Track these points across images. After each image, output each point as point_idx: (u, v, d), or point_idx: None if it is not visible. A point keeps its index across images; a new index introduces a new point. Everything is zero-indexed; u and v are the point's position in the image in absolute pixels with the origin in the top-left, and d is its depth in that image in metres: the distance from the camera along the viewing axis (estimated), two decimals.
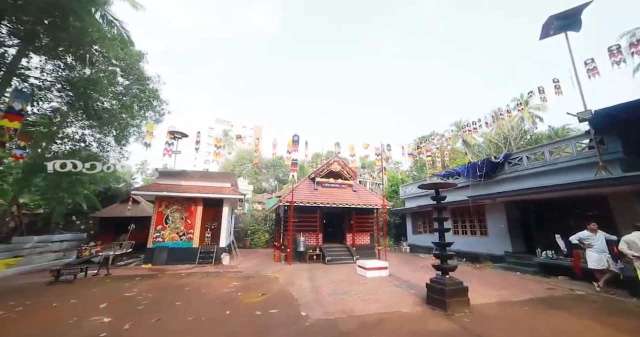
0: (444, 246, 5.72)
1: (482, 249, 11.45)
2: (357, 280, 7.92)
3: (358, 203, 13.04)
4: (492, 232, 11.26)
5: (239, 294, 6.31)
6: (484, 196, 10.15)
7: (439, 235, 5.82)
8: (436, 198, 5.91)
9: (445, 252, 5.68)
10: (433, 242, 5.88)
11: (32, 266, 9.50)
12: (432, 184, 5.76)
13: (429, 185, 5.81)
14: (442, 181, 13.97)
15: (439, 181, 5.90)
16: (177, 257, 10.62)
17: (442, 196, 5.94)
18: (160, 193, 10.59)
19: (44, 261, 10.23)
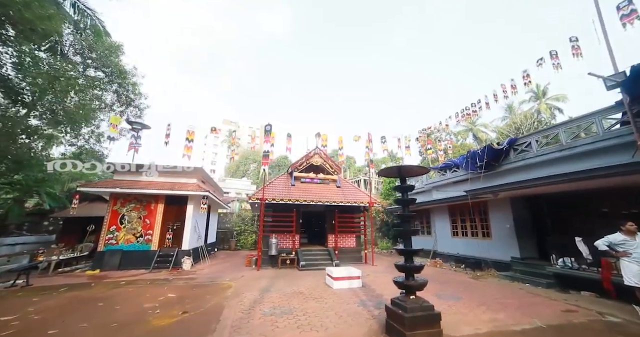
0: (410, 255, 4.16)
1: (485, 254, 9.65)
2: (318, 293, 6.42)
3: (341, 200, 11.50)
4: (496, 233, 9.44)
5: (157, 312, 4.99)
6: (483, 190, 8.39)
7: (404, 240, 4.25)
8: (401, 188, 4.35)
9: (411, 264, 4.12)
10: (395, 249, 4.30)
11: None
12: (395, 168, 4.20)
13: (388, 170, 4.26)
14: (438, 171, 12.25)
15: (405, 164, 4.32)
16: (131, 262, 9.47)
17: (409, 185, 4.38)
18: (112, 189, 9.48)
19: None
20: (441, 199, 11.32)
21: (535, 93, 26.51)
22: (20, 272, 7.42)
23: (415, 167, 4.40)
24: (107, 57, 14.71)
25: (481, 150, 9.65)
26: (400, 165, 4.25)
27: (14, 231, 13.76)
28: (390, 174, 4.45)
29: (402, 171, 4.26)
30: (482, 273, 8.97)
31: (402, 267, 4.01)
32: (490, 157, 9.27)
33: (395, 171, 4.28)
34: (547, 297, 5.93)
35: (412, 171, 4.42)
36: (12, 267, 10.05)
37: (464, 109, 11.51)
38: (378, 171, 4.16)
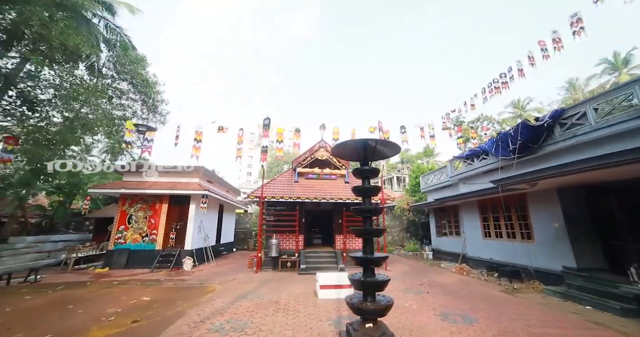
0: (370, 265, 3.02)
1: (525, 260, 7.64)
2: (297, 303, 5.50)
3: (348, 197, 10.34)
4: (539, 235, 7.40)
5: (111, 319, 4.61)
6: (515, 179, 6.53)
7: (363, 244, 3.13)
8: (360, 172, 3.23)
9: (371, 278, 2.98)
10: (352, 256, 3.17)
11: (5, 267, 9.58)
12: (352, 144, 3.11)
13: (343, 147, 3.16)
14: (464, 160, 10.30)
15: (369, 138, 3.17)
16: (137, 261, 9.70)
17: (371, 168, 3.24)
18: (117, 190, 9.84)
19: (19, 262, 10.34)
20: (469, 193, 9.43)
21: (611, 63, 21.58)
22: (33, 269, 7.97)
23: (382, 142, 3.21)
24: (135, 70, 15.89)
25: (514, 130, 7.67)
26: (362, 139, 3.12)
27: (62, 229, 15.56)
28: (346, 153, 3.34)
29: (365, 149, 3.13)
30: (521, 285, 7.06)
31: (358, 283, 2.89)
32: (527, 137, 7.27)
33: (352, 149, 3.17)
34: (624, 334, 4.07)
35: (378, 150, 3.25)
36: (49, 262, 11.15)
37: (491, 83, 9.41)
38: (332, 148, 3.11)
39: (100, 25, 15.03)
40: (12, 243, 11.23)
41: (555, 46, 7.22)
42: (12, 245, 11.49)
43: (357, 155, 3.25)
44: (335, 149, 3.12)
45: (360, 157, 3.24)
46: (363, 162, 3.25)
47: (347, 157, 3.43)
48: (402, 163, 46.84)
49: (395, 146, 3.29)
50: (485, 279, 7.96)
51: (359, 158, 3.26)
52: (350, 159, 3.51)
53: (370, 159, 3.28)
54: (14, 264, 9.96)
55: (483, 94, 9.82)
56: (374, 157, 3.36)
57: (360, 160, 3.27)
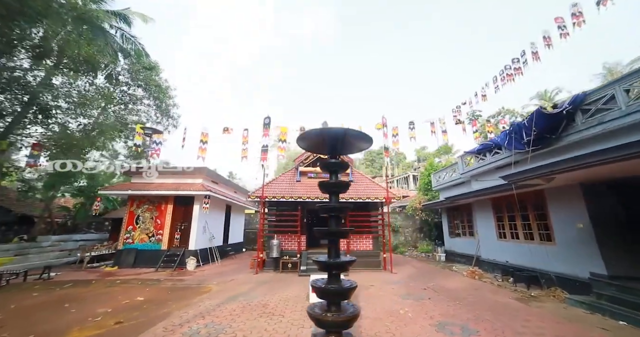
0: (334, 269, 2.70)
1: (544, 265, 6.86)
2: (285, 307, 5.25)
3: (351, 196, 9.96)
4: (561, 236, 6.61)
5: (97, 320, 4.63)
6: (527, 174, 5.84)
7: (328, 246, 2.81)
8: (327, 165, 2.92)
9: (336, 284, 2.66)
10: (314, 260, 2.84)
11: (23, 265, 10.23)
12: (316, 133, 2.81)
13: (306, 138, 2.86)
14: (475, 156, 9.54)
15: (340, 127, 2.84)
16: (144, 260, 9.95)
17: (339, 162, 2.91)
18: (124, 192, 10.18)
19: (43, 259, 11.01)
20: (479, 191, 8.70)
21: None
22: (47, 267, 8.40)
23: (352, 133, 2.87)
24: (148, 76, 16.59)
25: (528, 119, 6.93)
26: (329, 127, 2.80)
27: (83, 229, 16.51)
28: (312, 145, 3.02)
29: (332, 140, 2.82)
30: (540, 293, 6.32)
31: (320, 291, 2.58)
32: (543, 127, 6.54)
33: (318, 139, 2.87)
34: None
35: (347, 141, 2.91)
36: (69, 260, 11.81)
37: (502, 71, 8.59)
38: (297, 139, 2.83)
39: (117, 35, 15.94)
40: (39, 241, 12.04)
41: (575, 21, 6.39)
42: (39, 243, 12.32)
43: (323, 147, 2.93)
44: (300, 140, 2.83)
45: (327, 149, 2.92)
46: (331, 154, 2.93)
47: (313, 149, 3.13)
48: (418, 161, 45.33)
49: (366, 138, 2.93)
50: (499, 284, 7.26)
51: (325, 150, 2.95)
52: (317, 152, 3.20)
53: (339, 152, 2.96)
54: (38, 261, 10.66)
55: (495, 82, 9.06)
56: (344, 150, 3.02)
57: (328, 153, 2.95)
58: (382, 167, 50.39)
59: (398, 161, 54.48)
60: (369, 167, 57.07)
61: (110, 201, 16.07)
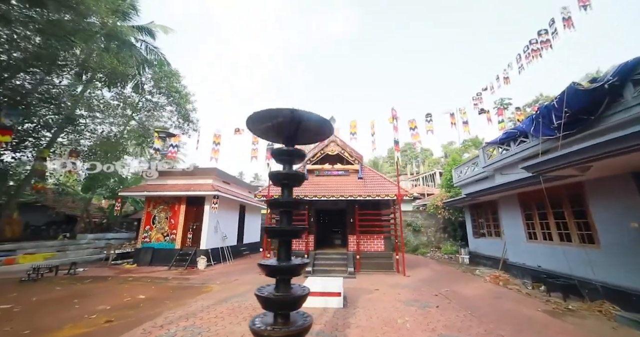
0: (283, 273, 2.33)
1: (585, 271, 5.76)
2: None
3: (359, 194, 9.42)
4: (606, 237, 5.50)
5: (92, 317, 4.74)
6: (555, 162, 4.90)
7: (278, 246, 2.45)
8: (281, 153, 2.56)
9: (285, 292, 2.28)
10: (260, 264, 2.45)
11: (61, 260, 11.19)
12: (276, 113, 2.46)
13: (260, 116, 2.52)
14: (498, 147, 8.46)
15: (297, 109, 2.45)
16: (160, 259, 10.36)
17: (294, 149, 2.54)
18: (139, 193, 10.69)
19: (79, 255, 12.00)
20: (502, 186, 7.68)
21: None
22: (74, 263, 9.08)
23: (310, 117, 2.47)
24: (170, 83, 17.62)
25: (558, 99, 5.89)
26: (281, 108, 2.42)
27: (115, 228, 17.88)
28: (262, 129, 2.64)
29: (286, 124, 2.45)
30: (581, 305, 5.31)
31: (263, 301, 2.21)
32: (577, 107, 5.50)
33: (268, 123, 2.49)
34: None
35: (304, 128, 2.52)
36: (99, 257, 12.80)
37: (527, 47, 7.41)
38: (246, 122, 2.49)
39: (142, 47, 17.14)
40: (78, 239, 13.24)
41: None
42: (77, 241, 13.53)
43: (276, 132, 2.56)
44: (249, 122, 2.47)
45: (283, 135, 2.56)
46: (286, 142, 2.57)
47: (263, 135, 2.75)
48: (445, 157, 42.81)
49: (325, 124, 2.53)
50: (528, 292, 6.27)
51: (278, 136, 2.58)
52: (268, 138, 2.83)
53: (293, 139, 2.58)
54: (74, 257, 11.65)
55: (518, 61, 7.95)
56: (300, 138, 2.64)
57: (283, 141, 2.58)
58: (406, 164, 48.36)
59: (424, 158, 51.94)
60: (393, 165, 55.13)
61: (137, 202, 17.22)
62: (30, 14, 9.27)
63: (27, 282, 7.82)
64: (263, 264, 2.28)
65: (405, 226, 16.71)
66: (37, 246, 11.70)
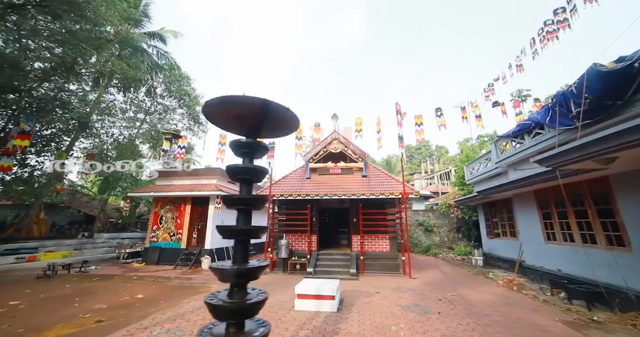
0: (239, 277, 2.10)
1: (613, 278, 5.13)
2: (267, 314, 4.79)
3: (363, 192, 9.07)
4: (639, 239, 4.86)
5: (86, 316, 4.77)
6: (572, 153, 4.35)
7: (234, 247, 2.24)
8: (239, 145, 2.34)
9: (240, 298, 2.05)
10: (211, 268, 2.23)
11: (76, 258, 11.69)
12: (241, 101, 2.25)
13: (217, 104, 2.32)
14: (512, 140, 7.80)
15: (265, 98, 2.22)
16: (167, 258, 10.54)
17: (255, 142, 2.31)
18: (146, 194, 10.93)
19: (94, 254, 12.50)
20: (517, 182, 7.06)
21: None
22: (85, 261, 9.42)
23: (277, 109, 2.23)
24: (180, 87, 18.10)
25: (577, 84, 5.29)
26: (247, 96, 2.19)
27: (131, 228, 18.57)
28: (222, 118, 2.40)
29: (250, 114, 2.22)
30: (609, 317, 4.71)
31: (213, 309, 1.99)
32: (600, 91, 4.90)
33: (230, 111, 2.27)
34: None
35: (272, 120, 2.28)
36: (113, 255, 13.28)
37: (541, 30, 6.70)
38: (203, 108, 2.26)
39: (154, 52, 17.73)
40: (95, 239, 13.84)
41: None
42: (94, 240, 14.15)
43: (240, 123, 2.33)
44: (208, 109, 2.22)
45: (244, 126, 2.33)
46: (249, 134, 2.34)
47: (224, 125, 2.52)
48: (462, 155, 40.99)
49: (292, 118, 2.28)
50: (546, 299, 5.69)
51: (241, 127, 2.35)
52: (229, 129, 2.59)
53: (257, 132, 2.35)
54: (89, 256, 12.15)
55: (532, 46, 7.29)
56: (265, 131, 2.41)
57: (245, 133, 2.36)
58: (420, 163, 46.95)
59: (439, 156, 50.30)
60: (407, 164, 53.76)
61: (150, 203, 17.78)
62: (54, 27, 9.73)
63: (42, 279, 8.17)
64: (215, 267, 2.07)
65: (416, 225, 16.09)
66: (57, 245, 12.30)
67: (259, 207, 2.46)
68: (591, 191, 5.69)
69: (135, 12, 15.52)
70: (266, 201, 2.50)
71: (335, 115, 10.97)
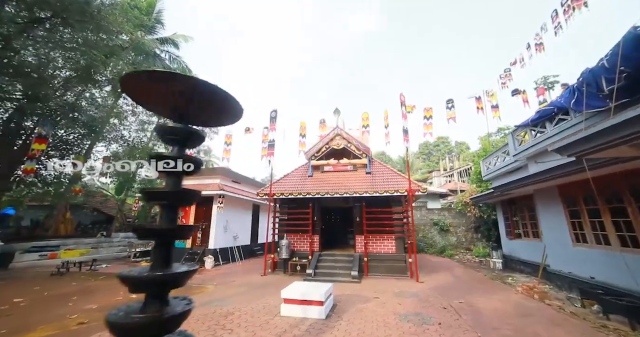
0: (158, 286, 1.77)
1: None
2: (249, 320, 4.46)
3: (366, 190, 8.54)
4: None
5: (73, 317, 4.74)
6: (604, 136, 3.60)
7: (153, 253, 1.90)
8: (165, 131, 2.02)
9: (157, 311, 1.72)
10: (119, 276, 1.90)
11: (91, 256, 12.17)
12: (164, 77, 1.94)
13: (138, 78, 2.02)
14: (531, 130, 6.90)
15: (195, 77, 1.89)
16: (173, 257, 10.62)
17: (187, 128, 1.96)
18: None
19: (110, 252, 12.99)
20: (537, 175, 6.21)
21: None
22: (94, 260, 9.73)
23: (208, 90, 1.88)
24: None
25: (610, 56, 4.45)
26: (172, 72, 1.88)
27: None
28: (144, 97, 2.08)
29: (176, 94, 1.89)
30: None
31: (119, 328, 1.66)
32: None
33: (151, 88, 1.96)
34: None
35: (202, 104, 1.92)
36: (124, 255, 13.75)
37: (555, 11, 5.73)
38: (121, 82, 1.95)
39: (166, 57, 18.30)
40: (112, 238, 14.46)
41: None
42: (111, 239, 14.78)
43: (165, 103, 2.00)
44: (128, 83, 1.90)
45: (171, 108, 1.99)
46: (178, 118, 2.00)
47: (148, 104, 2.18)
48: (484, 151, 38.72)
49: (231, 101, 1.91)
50: (574, 311, 4.87)
51: (168, 109, 2.02)
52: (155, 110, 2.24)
53: (188, 116, 2.00)
54: (105, 254, 12.65)
55: (554, 20, 6.39)
56: (200, 117, 2.07)
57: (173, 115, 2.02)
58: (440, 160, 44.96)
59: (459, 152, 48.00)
60: (425, 161, 51.74)
61: None
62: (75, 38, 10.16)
63: (55, 276, 8.50)
64: (124, 276, 1.73)
65: (431, 225, 15.19)
66: (77, 243, 12.92)
67: (187, 204, 2.12)
68: (631, 185, 4.80)
69: (148, 20, 16.03)
70: (197, 196, 2.15)
71: (337, 110, 10.50)
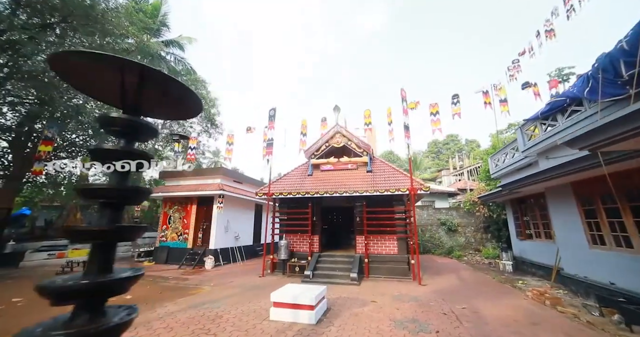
0: (92, 294, 1.56)
1: None
2: (237, 324, 4.28)
3: (366, 189, 8.26)
4: None
5: None
6: (623, 124, 3.21)
7: (90, 256, 1.69)
8: (109, 121, 1.82)
9: (88, 325, 1.51)
10: (37, 286, 1.71)
11: None
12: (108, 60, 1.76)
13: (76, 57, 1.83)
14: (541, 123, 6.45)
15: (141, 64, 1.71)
16: (174, 257, 10.65)
17: (135, 119, 1.76)
18: (154, 194, 11.16)
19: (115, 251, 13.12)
20: (548, 172, 5.78)
21: None
22: None
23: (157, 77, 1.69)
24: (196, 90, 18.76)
25: (630, 37, 4.03)
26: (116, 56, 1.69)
27: (153, 228, 19.53)
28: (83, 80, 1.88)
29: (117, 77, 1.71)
30: None
31: None
32: None
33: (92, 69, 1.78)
34: None
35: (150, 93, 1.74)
36: (129, 255, 13.91)
37: None
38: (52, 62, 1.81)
39: (171, 59, 18.56)
40: None
41: None
42: None
43: (109, 90, 1.81)
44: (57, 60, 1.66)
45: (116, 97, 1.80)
46: (126, 109, 1.81)
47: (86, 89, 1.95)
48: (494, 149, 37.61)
49: (187, 93, 1.72)
50: (591, 320, 4.45)
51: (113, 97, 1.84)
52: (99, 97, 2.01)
53: (137, 107, 1.82)
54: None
55: (566, 3, 5.96)
56: (153, 108, 1.89)
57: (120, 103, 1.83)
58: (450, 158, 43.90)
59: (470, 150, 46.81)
60: (435, 159, 50.69)
61: None
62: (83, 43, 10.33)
63: (60, 275, 8.61)
64: (41, 286, 1.43)
65: (438, 224, 14.70)
66: None
67: (133, 203, 1.93)
68: None
69: (153, 23, 16.24)
70: (145, 195, 1.94)
71: (337, 107, 10.25)
